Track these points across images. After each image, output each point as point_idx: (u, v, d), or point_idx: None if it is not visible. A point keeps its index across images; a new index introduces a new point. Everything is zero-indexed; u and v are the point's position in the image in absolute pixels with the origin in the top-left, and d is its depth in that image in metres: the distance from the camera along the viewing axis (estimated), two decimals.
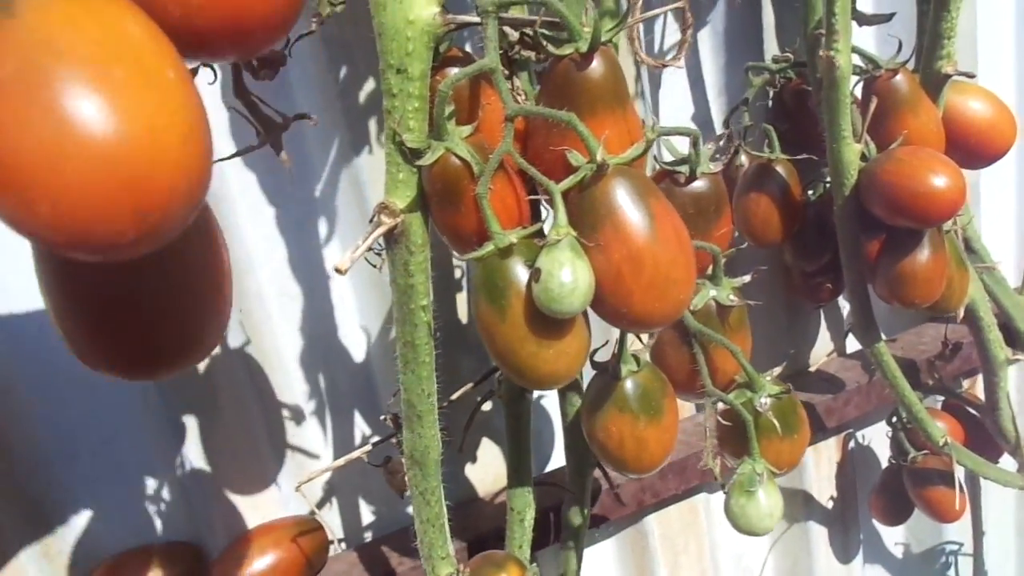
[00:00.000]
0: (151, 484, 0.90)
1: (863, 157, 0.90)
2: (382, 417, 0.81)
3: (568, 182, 0.55)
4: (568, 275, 0.52)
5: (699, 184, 0.69)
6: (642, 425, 0.67)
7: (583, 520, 0.95)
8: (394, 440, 0.75)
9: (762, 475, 0.65)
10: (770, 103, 1.10)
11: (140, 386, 0.87)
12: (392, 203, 0.58)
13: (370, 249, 0.59)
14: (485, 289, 0.56)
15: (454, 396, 0.83)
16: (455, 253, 0.58)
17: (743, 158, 1.05)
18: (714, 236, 0.70)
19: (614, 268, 0.54)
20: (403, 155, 0.57)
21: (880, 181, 0.86)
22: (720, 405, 0.69)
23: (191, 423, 0.91)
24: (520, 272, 0.56)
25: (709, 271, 0.71)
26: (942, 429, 1.07)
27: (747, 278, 0.70)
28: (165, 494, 0.91)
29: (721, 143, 1.00)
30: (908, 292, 0.90)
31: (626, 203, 0.54)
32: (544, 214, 0.62)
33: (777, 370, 0.70)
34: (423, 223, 0.59)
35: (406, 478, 0.70)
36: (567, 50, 0.56)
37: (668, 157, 0.75)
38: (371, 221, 0.58)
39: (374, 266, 0.61)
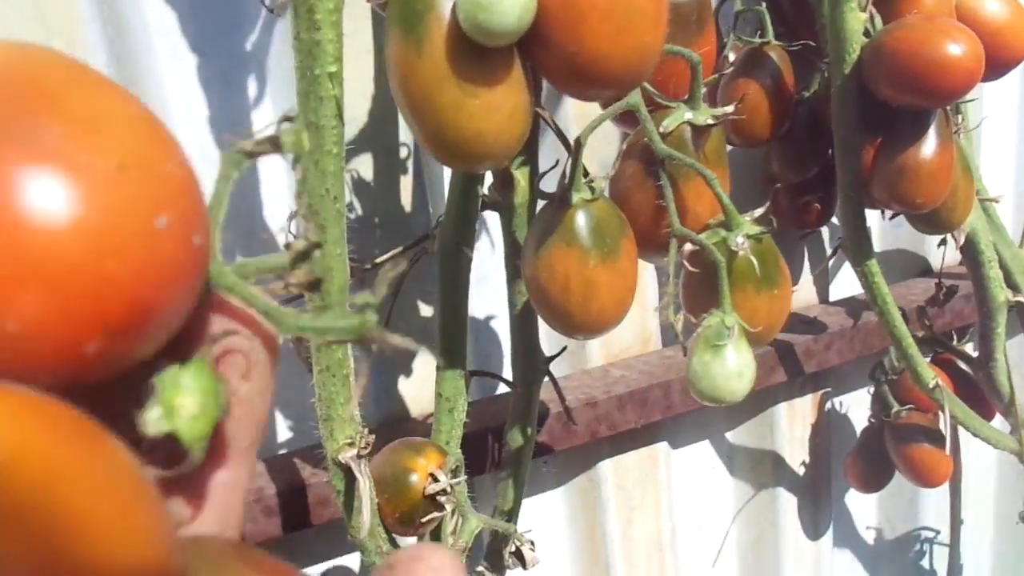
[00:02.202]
0: None
1: (866, 33, 0.79)
2: (282, 230, 0.69)
3: None
4: None
5: None
6: (592, 263, 0.54)
7: (526, 441, 0.83)
8: None
9: (732, 328, 0.53)
10: None
11: None
12: None
13: None
14: (401, 13, 0.44)
15: (379, 259, 0.71)
16: None
17: (731, 55, 0.94)
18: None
19: None
20: None
21: (887, 51, 0.75)
22: (688, 248, 0.57)
23: None
24: None
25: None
26: (932, 372, 0.96)
27: (730, 108, 0.59)
28: None
29: None
30: (910, 190, 0.79)
31: None
32: None
33: (760, 211, 0.58)
34: None
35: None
36: None
37: None
38: None
39: (271, 11, 0.48)
